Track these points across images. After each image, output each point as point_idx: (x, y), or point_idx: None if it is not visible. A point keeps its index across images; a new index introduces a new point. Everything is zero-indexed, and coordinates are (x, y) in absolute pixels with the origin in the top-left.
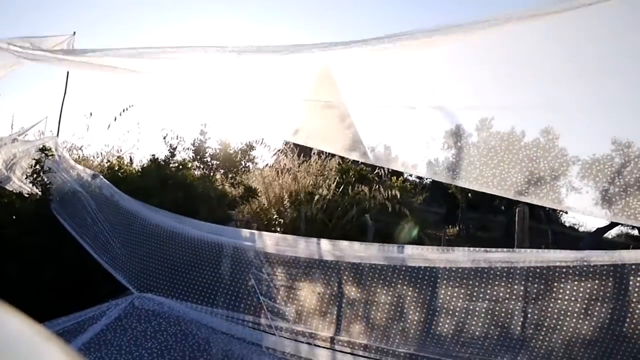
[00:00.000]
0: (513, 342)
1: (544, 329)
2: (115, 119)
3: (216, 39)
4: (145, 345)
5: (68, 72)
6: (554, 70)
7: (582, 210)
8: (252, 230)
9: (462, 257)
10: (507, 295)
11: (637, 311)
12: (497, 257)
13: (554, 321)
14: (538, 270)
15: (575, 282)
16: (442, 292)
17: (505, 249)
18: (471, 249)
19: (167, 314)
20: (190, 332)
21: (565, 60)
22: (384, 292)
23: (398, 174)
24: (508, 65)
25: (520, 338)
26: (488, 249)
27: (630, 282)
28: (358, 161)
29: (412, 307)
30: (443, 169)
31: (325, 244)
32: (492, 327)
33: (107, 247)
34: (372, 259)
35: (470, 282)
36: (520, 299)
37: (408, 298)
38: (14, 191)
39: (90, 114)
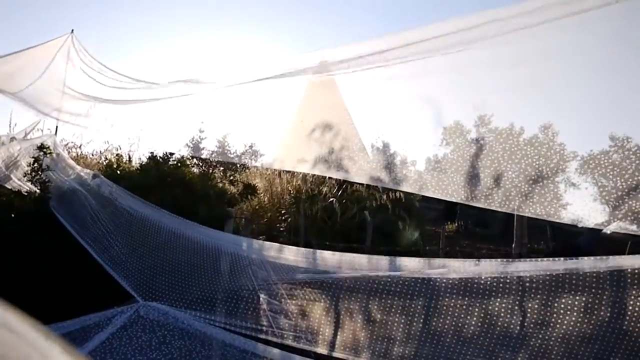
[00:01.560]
0: (510, 350)
1: (541, 336)
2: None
3: (216, 41)
4: (150, 356)
5: (65, 70)
6: (553, 67)
7: (585, 222)
8: (258, 240)
9: (455, 268)
10: (504, 306)
11: (634, 316)
12: (490, 268)
13: (550, 329)
14: (534, 279)
15: (572, 291)
16: (436, 303)
17: (498, 260)
18: (462, 260)
19: (171, 326)
20: (194, 349)
21: (565, 57)
22: (380, 302)
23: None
24: (507, 62)
25: (518, 343)
26: (480, 260)
27: (627, 288)
28: None
29: (408, 318)
30: (452, 189)
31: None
32: (488, 338)
33: (110, 250)
34: (368, 272)
35: (462, 294)
36: (516, 309)
37: (402, 309)
38: (13, 189)
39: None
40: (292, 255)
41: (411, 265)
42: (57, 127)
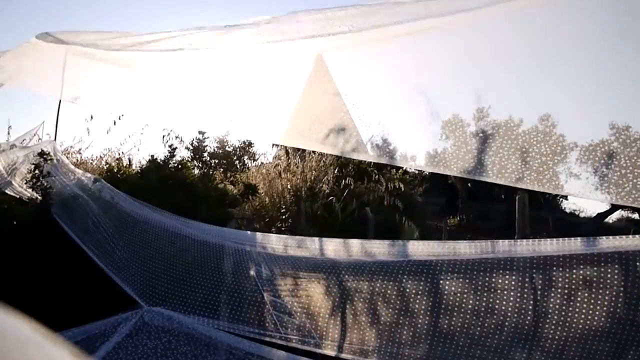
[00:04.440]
0: (523, 336)
1: (553, 321)
2: (115, 122)
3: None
4: None
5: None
6: (551, 56)
7: (582, 195)
8: (266, 234)
9: (464, 249)
10: (512, 289)
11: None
12: (500, 249)
13: (562, 313)
14: (542, 260)
15: (581, 270)
16: (444, 286)
17: (507, 240)
18: (473, 241)
19: (176, 331)
20: (199, 354)
21: (562, 45)
22: (387, 290)
23: (398, 166)
24: (504, 52)
25: (530, 331)
26: (489, 240)
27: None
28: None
29: (416, 305)
30: (442, 161)
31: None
32: (500, 322)
33: (112, 256)
34: (373, 257)
35: (471, 275)
36: (525, 292)
37: (411, 295)
38: (15, 196)
39: (91, 117)
40: (296, 247)
41: (419, 250)
42: (56, 132)
